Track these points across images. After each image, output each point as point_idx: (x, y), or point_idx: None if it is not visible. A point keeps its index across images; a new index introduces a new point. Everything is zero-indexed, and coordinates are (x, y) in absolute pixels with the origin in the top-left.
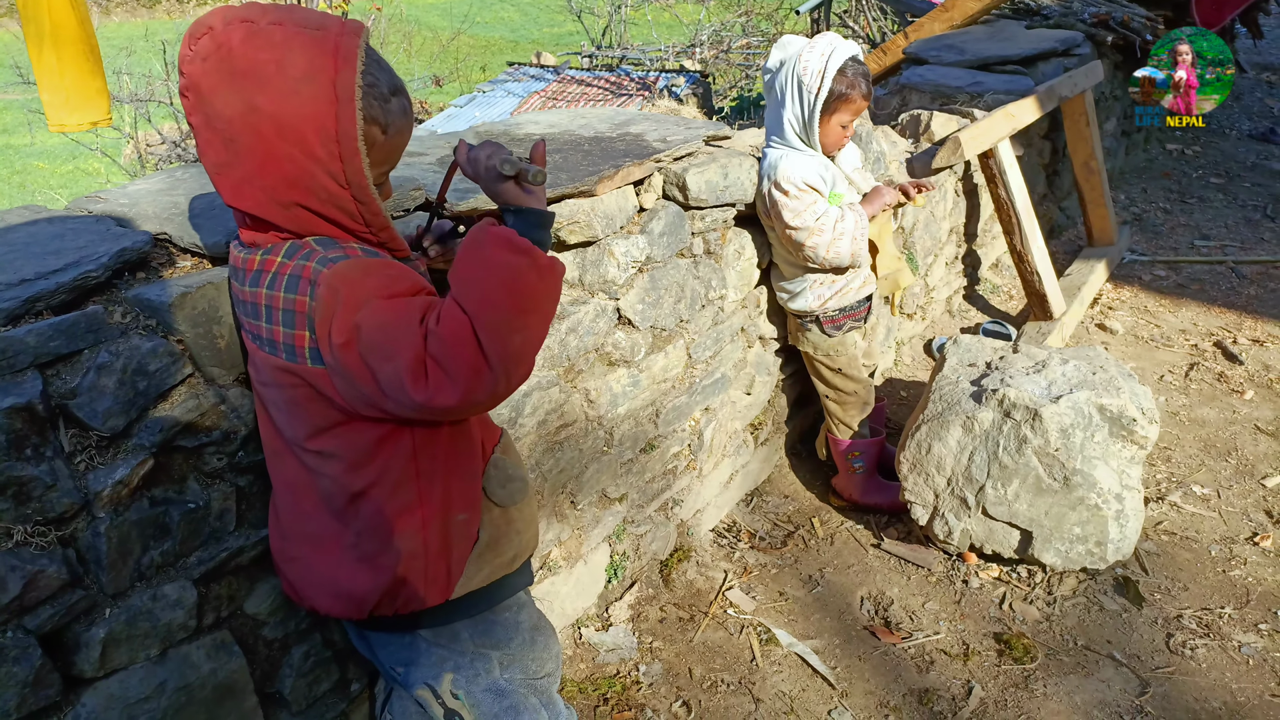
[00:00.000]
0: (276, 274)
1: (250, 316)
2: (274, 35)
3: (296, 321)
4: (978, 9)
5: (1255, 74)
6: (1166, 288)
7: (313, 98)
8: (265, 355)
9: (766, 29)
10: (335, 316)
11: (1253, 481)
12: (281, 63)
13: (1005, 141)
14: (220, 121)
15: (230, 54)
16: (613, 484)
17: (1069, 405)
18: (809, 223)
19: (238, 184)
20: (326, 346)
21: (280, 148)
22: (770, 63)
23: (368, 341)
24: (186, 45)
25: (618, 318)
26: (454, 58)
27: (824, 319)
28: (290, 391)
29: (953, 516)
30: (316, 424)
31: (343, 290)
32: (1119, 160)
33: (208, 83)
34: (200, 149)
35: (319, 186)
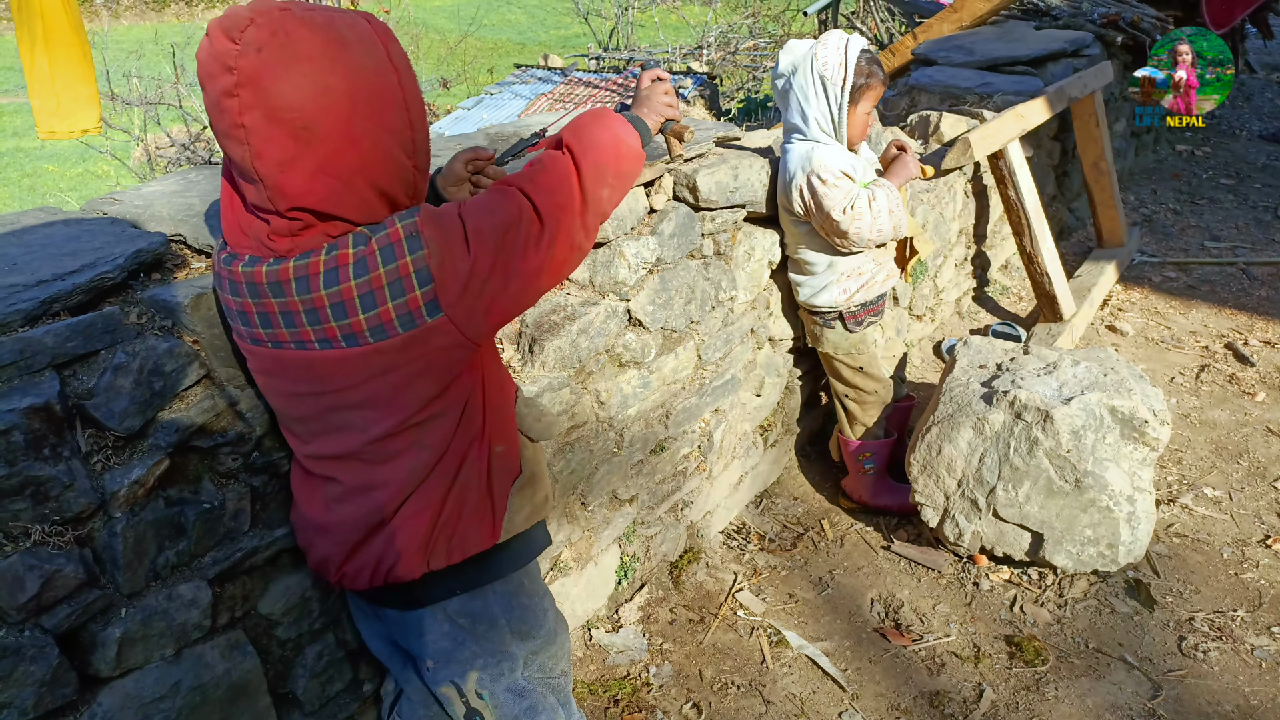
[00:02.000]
0: (360, 261)
1: (316, 323)
2: (319, 17)
3: (405, 286)
4: (986, 10)
5: (1265, 74)
6: (1177, 289)
7: (377, 71)
8: (357, 350)
9: (774, 31)
10: (455, 239)
11: (1264, 484)
12: (342, 40)
13: (1015, 142)
14: (289, 111)
15: (290, 38)
16: (623, 485)
17: (1080, 407)
18: (850, 208)
19: (310, 176)
20: (454, 271)
21: (357, 125)
22: (782, 67)
23: (489, 226)
24: (228, 40)
25: (628, 319)
26: (461, 60)
27: (847, 315)
28: (404, 369)
29: (963, 518)
30: (433, 388)
31: (443, 220)
32: (1128, 161)
33: (270, 73)
34: (257, 150)
35: (392, 161)
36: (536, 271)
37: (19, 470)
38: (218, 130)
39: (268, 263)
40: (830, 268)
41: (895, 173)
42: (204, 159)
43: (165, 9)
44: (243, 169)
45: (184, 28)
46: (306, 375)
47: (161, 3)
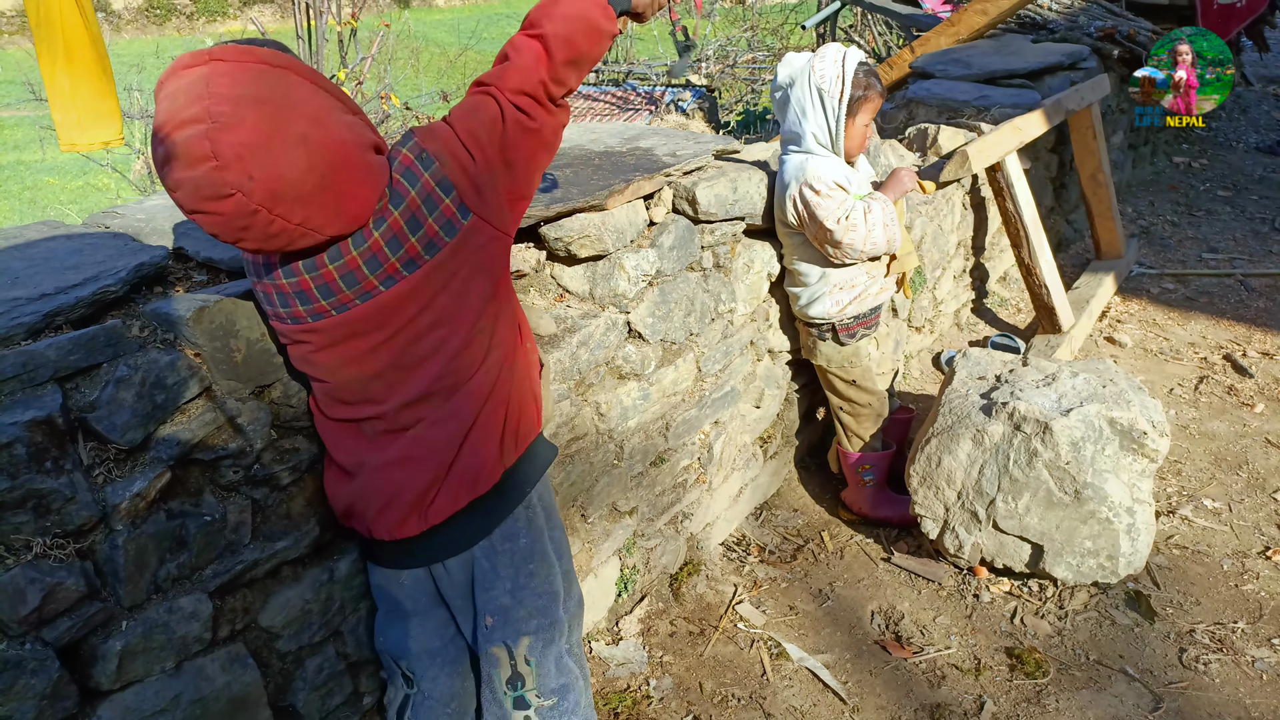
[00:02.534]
0: (394, 195)
1: (377, 266)
2: (224, 111)
3: (435, 199)
4: (983, 24)
5: (1261, 87)
6: (1175, 301)
7: (280, 83)
8: (418, 273)
9: (772, 44)
10: (455, 146)
11: (1264, 495)
12: (255, 100)
13: (1012, 155)
14: (306, 183)
15: (247, 146)
16: (623, 497)
17: (1079, 418)
18: (844, 219)
19: (356, 199)
20: (466, 172)
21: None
22: (780, 79)
23: (480, 123)
24: (223, 194)
25: (628, 331)
26: (461, 73)
27: (840, 327)
28: (461, 274)
29: (963, 530)
30: (488, 285)
31: (437, 133)
32: (1126, 173)
33: (281, 181)
34: (319, 227)
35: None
36: (531, 153)
37: (21, 483)
38: (280, 246)
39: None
40: (823, 279)
41: (891, 186)
42: None
43: (166, 23)
44: (317, 242)
45: (185, 41)
46: (378, 322)
47: (163, 17)
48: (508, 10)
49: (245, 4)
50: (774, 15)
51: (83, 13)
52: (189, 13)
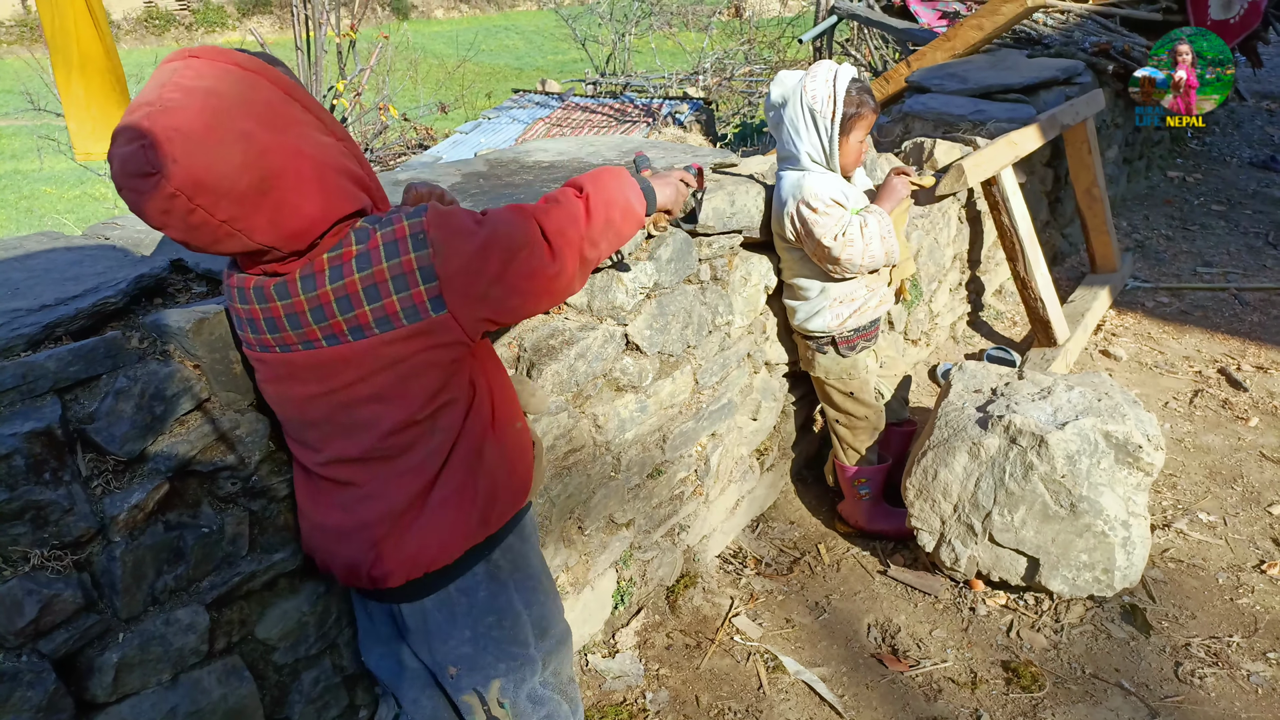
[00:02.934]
0: (364, 255)
1: (322, 319)
2: (173, 96)
3: (409, 281)
4: (979, 39)
5: (1255, 102)
6: (1170, 314)
7: (250, 88)
8: (364, 343)
9: (769, 57)
10: (469, 244)
11: (1259, 509)
12: (209, 94)
13: (1008, 169)
14: (242, 180)
15: (181, 131)
16: (620, 509)
17: (1075, 432)
18: (841, 235)
19: (295, 212)
20: (460, 275)
21: (289, 141)
22: (773, 98)
23: (503, 244)
24: (141, 177)
25: (625, 343)
26: (459, 85)
27: (840, 340)
28: (411, 360)
29: (959, 543)
30: (438, 380)
31: (452, 222)
32: (1121, 187)
33: (200, 166)
34: (249, 228)
35: (333, 155)
36: (538, 293)
37: (19, 494)
38: (205, 242)
39: (261, 276)
40: (823, 293)
41: (885, 197)
42: None
43: (165, 33)
44: (250, 251)
45: None
46: (316, 375)
47: (162, 27)
48: (506, 23)
49: (244, 15)
50: (771, 28)
51: (97, 25)
52: (188, 23)
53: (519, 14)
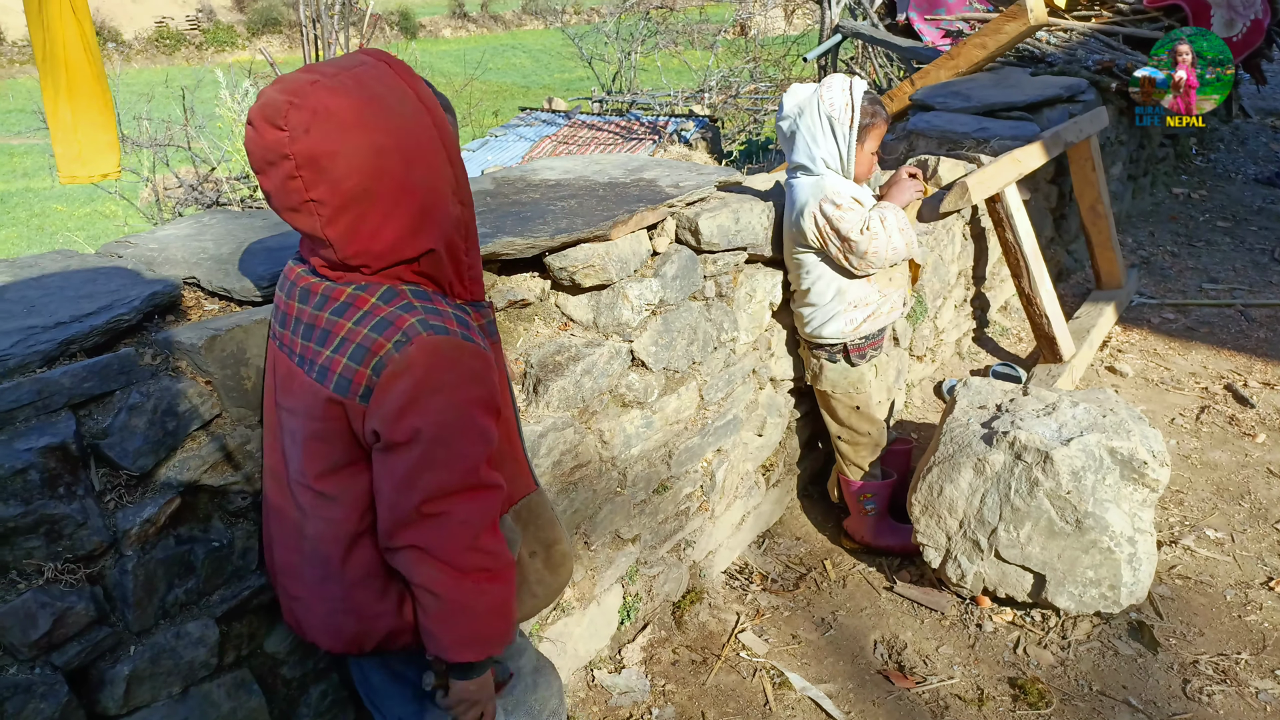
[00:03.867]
0: (368, 312)
1: (305, 338)
2: (349, 82)
3: (365, 359)
4: (982, 57)
5: (1260, 119)
6: (1176, 330)
7: (414, 116)
8: (310, 382)
9: (774, 75)
10: (410, 393)
11: (1266, 525)
12: (378, 98)
13: (1012, 186)
14: (349, 180)
15: (331, 112)
16: (626, 525)
17: (1080, 448)
18: (866, 229)
19: (372, 234)
20: (382, 406)
21: (410, 176)
22: (787, 109)
23: (423, 451)
24: (275, 129)
25: (631, 360)
26: (467, 103)
27: (851, 347)
28: (322, 425)
29: (965, 559)
30: (334, 461)
31: (437, 373)
32: (1126, 204)
33: (325, 148)
34: (327, 219)
35: (444, 203)
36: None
37: (34, 508)
38: (283, 207)
39: (305, 269)
40: (838, 297)
41: (895, 194)
42: (211, 199)
43: (176, 53)
44: (313, 237)
45: (194, 71)
46: (283, 386)
47: (172, 47)
48: (513, 41)
49: (254, 34)
50: (776, 47)
51: (87, 48)
52: (198, 43)
53: (526, 33)
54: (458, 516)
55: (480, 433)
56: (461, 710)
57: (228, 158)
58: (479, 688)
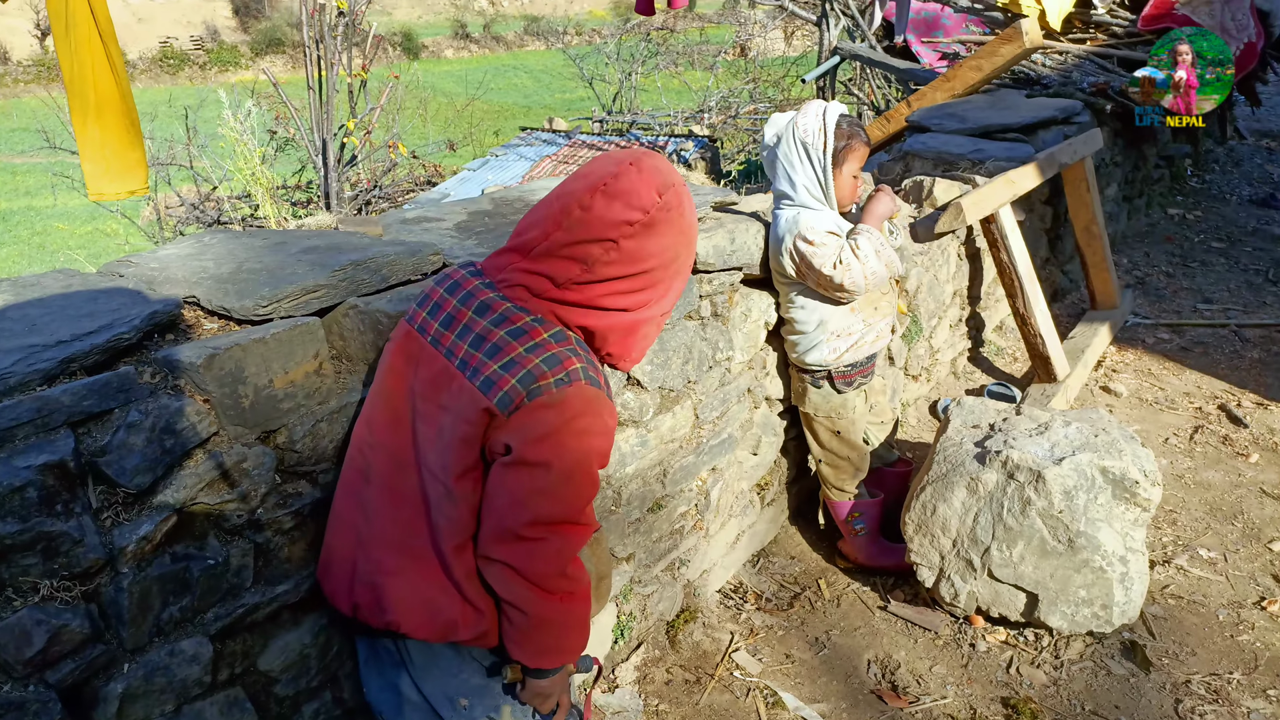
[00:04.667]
0: (539, 344)
1: (474, 347)
2: (689, 200)
3: (523, 376)
4: (978, 79)
5: (1255, 140)
6: (1170, 351)
7: (691, 247)
8: (472, 388)
9: (774, 95)
10: (556, 426)
11: (1259, 545)
12: (693, 224)
13: (1006, 207)
14: (650, 260)
15: (682, 214)
16: (620, 543)
17: (1072, 467)
18: (839, 263)
19: (609, 297)
20: (526, 426)
21: (669, 290)
22: (767, 139)
23: (548, 478)
24: (654, 193)
25: (627, 378)
26: (468, 122)
27: (836, 374)
28: (471, 429)
29: (959, 578)
30: (470, 464)
31: (583, 419)
32: (1121, 225)
33: (661, 229)
34: (605, 261)
35: (662, 319)
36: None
37: (31, 526)
38: (586, 234)
39: (484, 282)
40: (820, 326)
41: (870, 213)
42: (213, 218)
43: (179, 72)
44: (584, 260)
45: (197, 91)
46: (431, 377)
47: (176, 67)
48: (514, 62)
49: (257, 54)
50: (775, 68)
51: (114, 69)
52: (201, 63)
53: (527, 54)
54: (554, 545)
55: (594, 479)
56: (538, 702)
57: (229, 177)
58: (552, 684)
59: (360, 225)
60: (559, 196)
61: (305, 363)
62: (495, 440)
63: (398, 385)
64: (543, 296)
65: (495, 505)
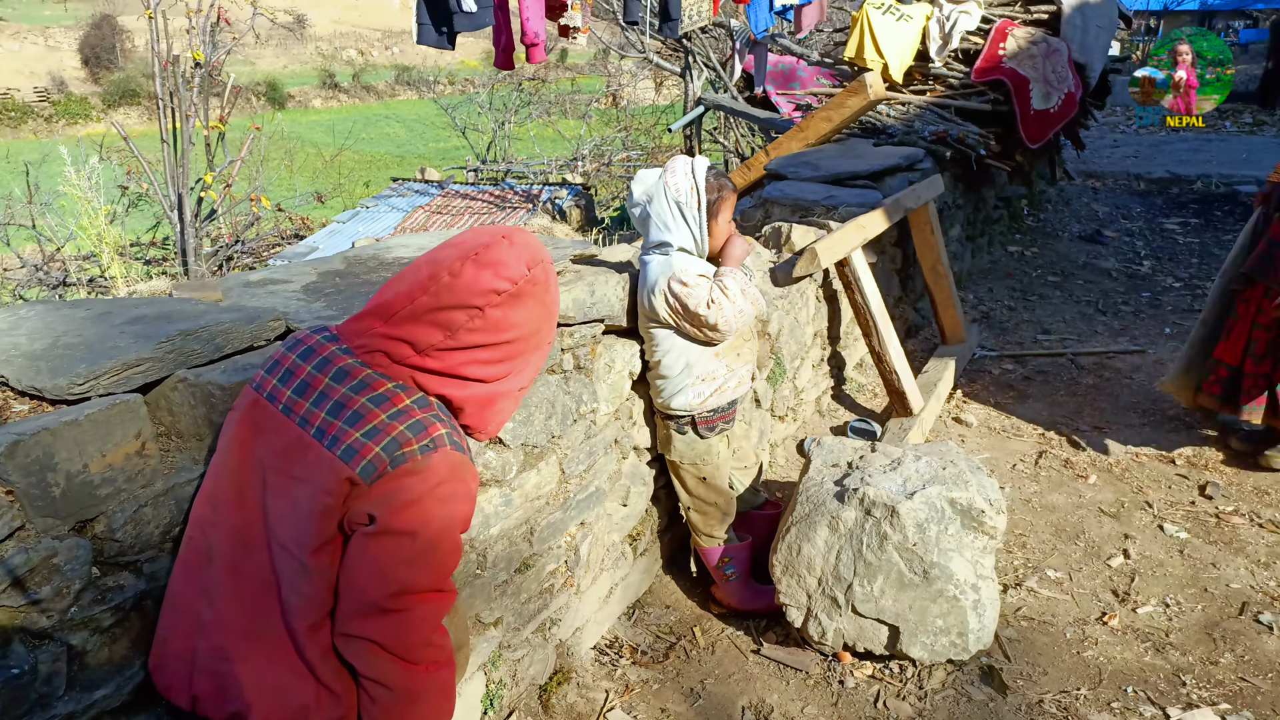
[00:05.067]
0: (403, 411)
1: (332, 415)
2: (555, 280)
3: (387, 443)
4: (829, 129)
5: (1081, 180)
6: (1014, 380)
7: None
8: (332, 457)
9: (645, 143)
10: (421, 493)
11: (1100, 562)
12: (556, 304)
13: (858, 250)
14: (513, 330)
15: (549, 289)
16: (487, 608)
17: (923, 501)
18: (711, 303)
19: (463, 364)
20: (389, 495)
21: (528, 365)
22: (636, 197)
23: (414, 548)
24: (523, 266)
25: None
26: (338, 173)
27: (699, 419)
28: (332, 500)
29: (825, 616)
30: (328, 537)
31: (448, 485)
32: (966, 263)
33: (527, 301)
34: (469, 328)
35: (519, 395)
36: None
37: None
38: (453, 300)
39: (341, 347)
40: (686, 371)
41: (729, 256)
42: (58, 280)
43: (22, 125)
44: (448, 327)
45: (40, 145)
46: (283, 447)
47: (18, 119)
48: (386, 111)
49: (110, 106)
50: (647, 116)
51: None
52: (47, 115)
53: (399, 103)
54: (420, 614)
55: (458, 546)
56: None
57: (74, 236)
58: None
59: (197, 290)
60: (428, 263)
61: (126, 444)
62: (356, 510)
63: (244, 457)
64: (402, 363)
65: (356, 578)
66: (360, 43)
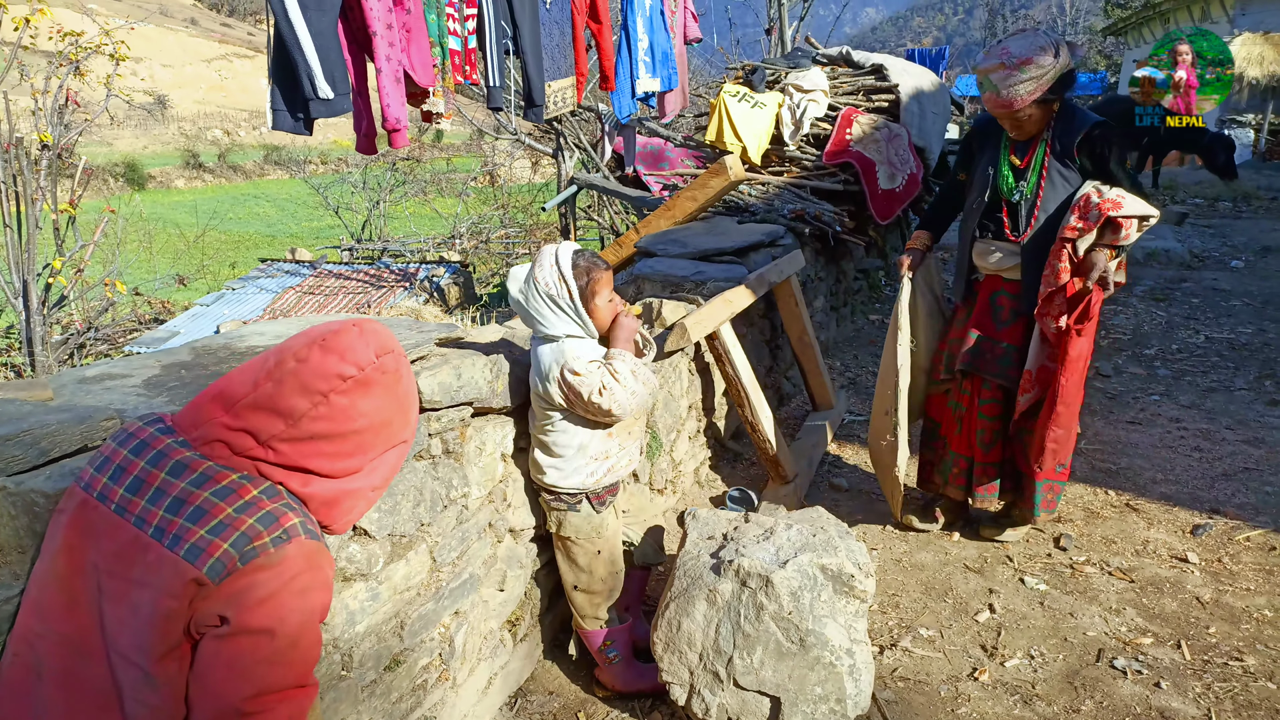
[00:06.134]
0: (249, 502)
1: (171, 512)
2: (407, 371)
3: (236, 539)
4: (694, 208)
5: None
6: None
7: (407, 425)
8: (174, 558)
9: (523, 220)
10: (277, 588)
11: (968, 618)
12: (410, 400)
13: (726, 324)
14: (361, 419)
15: (399, 380)
16: (354, 712)
17: (795, 569)
18: (603, 389)
19: (310, 458)
20: (241, 593)
21: (376, 463)
22: (513, 294)
23: (272, 646)
24: (371, 354)
25: (352, 530)
26: (201, 254)
27: (593, 496)
28: (177, 603)
29: (708, 692)
30: (174, 643)
31: (304, 575)
32: (831, 332)
33: (375, 390)
34: (314, 416)
35: (374, 493)
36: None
37: None
38: (296, 385)
39: (177, 440)
40: (580, 451)
41: (617, 339)
42: None
43: None
44: (290, 415)
45: None
46: (117, 550)
47: None
48: (255, 191)
49: None
50: (524, 194)
51: None
52: None
53: (269, 182)
54: (281, 713)
55: (318, 638)
56: None
57: None
58: None
59: (24, 389)
60: (275, 351)
61: None
62: (205, 612)
63: (73, 563)
64: (244, 455)
65: (210, 683)
66: (226, 122)
